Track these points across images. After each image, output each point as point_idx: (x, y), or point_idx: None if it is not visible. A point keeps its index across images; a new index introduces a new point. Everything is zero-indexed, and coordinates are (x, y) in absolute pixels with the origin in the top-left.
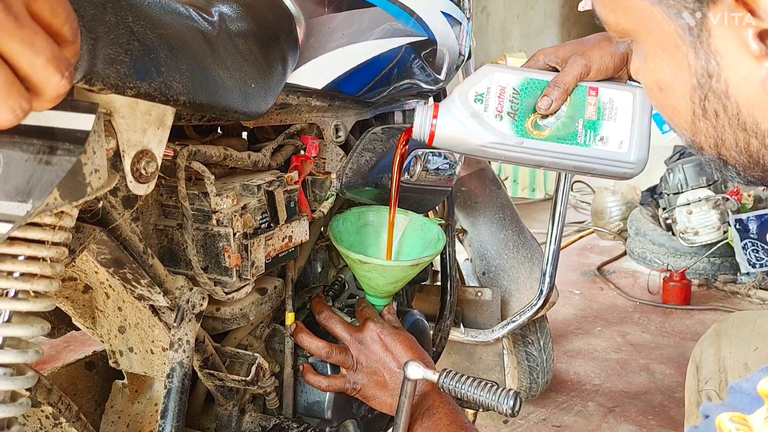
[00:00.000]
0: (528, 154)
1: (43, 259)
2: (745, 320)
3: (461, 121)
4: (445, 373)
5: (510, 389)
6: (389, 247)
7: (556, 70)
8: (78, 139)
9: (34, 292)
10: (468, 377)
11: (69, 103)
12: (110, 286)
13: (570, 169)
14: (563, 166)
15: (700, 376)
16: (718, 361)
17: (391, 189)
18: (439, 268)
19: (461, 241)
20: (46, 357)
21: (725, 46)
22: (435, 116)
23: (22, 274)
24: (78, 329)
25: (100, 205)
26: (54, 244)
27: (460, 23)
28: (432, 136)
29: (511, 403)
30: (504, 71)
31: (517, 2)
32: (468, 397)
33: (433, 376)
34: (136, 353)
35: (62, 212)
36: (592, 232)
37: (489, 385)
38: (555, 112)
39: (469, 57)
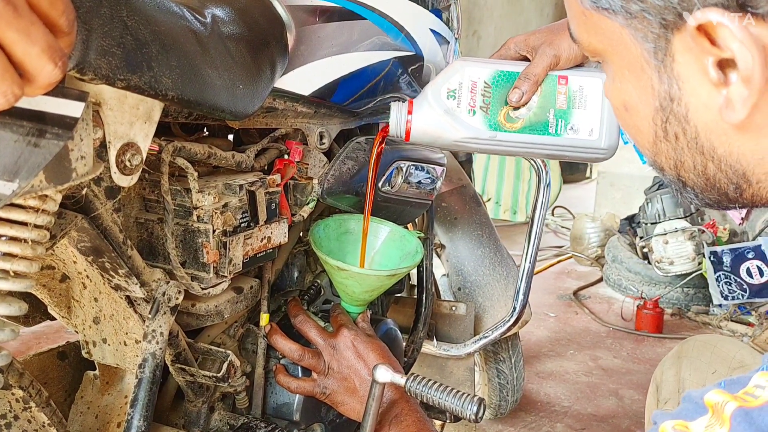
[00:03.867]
0: (502, 147)
1: (25, 241)
2: (706, 344)
3: (435, 118)
4: (412, 377)
5: (474, 395)
6: (365, 248)
7: (527, 59)
8: (67, 124)
9: (14, 272)
10: (435, 382)
11: (60, 89)
12: (87, 277)
13: (543, 156)
14: (536, 155)
15: (659, 396)
16: (677, 382)
17: (367, 188)
18: (415, 281)
19: (439, 256)
20: (15, 352)
21: (687, 72)
22: (410, 112)
23: (4, 254)
24: (53, 319)
25: (83, 192)
26: (36, 226)
27: (449, 42)
28: (408, 132)
29: (475, 408)
30: (475, 65)
31: (508, 28)
32: (434, 401)
33: (400, 379)
34: (109, 344)
35: (46, 196)
36: (570, 257)
37: (455, 390)
38: (526, 104)
39: None
